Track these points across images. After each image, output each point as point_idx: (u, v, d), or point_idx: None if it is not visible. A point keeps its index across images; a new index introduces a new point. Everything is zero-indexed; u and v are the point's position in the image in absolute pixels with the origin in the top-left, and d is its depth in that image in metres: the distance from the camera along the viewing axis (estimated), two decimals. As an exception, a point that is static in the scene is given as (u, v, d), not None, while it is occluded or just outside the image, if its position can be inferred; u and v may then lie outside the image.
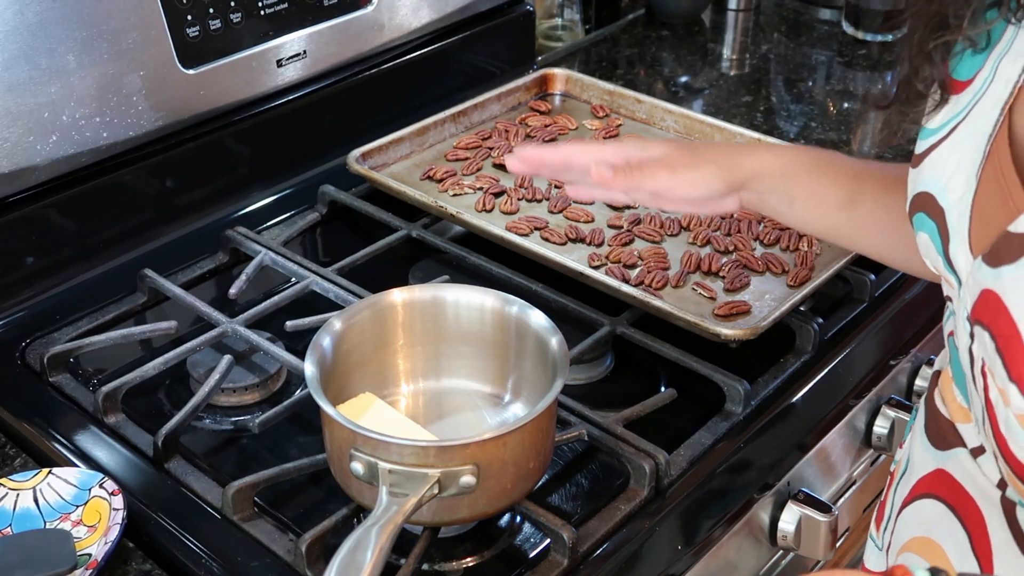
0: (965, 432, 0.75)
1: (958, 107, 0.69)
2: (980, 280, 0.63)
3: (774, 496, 0.95)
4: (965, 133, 0.68)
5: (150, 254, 1.16)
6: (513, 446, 0.77)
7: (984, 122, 0.66)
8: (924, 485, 0.79)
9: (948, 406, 0.77)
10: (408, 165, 1.28)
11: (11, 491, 0.85)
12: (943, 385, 0.79)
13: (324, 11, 1.27)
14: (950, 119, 0.69)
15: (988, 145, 0.65)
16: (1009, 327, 0.60)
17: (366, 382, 0.89)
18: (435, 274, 1.12)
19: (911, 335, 1.10)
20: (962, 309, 0.67)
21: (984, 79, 0.67)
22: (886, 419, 1.05)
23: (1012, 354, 0.60)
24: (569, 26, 1.74)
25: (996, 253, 0.62)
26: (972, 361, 0.66)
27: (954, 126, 0.69)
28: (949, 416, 0.77)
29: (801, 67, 1.61)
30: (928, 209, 0.70)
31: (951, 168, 0.68)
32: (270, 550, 0.83)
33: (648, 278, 1.07)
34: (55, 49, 1.05)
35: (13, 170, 1.05)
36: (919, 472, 0.80)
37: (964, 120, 0.68)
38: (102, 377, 1.02)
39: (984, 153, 0.66)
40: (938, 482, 0.78)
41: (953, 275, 0.68)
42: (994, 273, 0.62)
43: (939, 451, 0.78)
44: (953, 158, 0.68)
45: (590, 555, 0.83)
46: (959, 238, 0.67)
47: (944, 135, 0.69)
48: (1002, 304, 0.61)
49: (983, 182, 0.65)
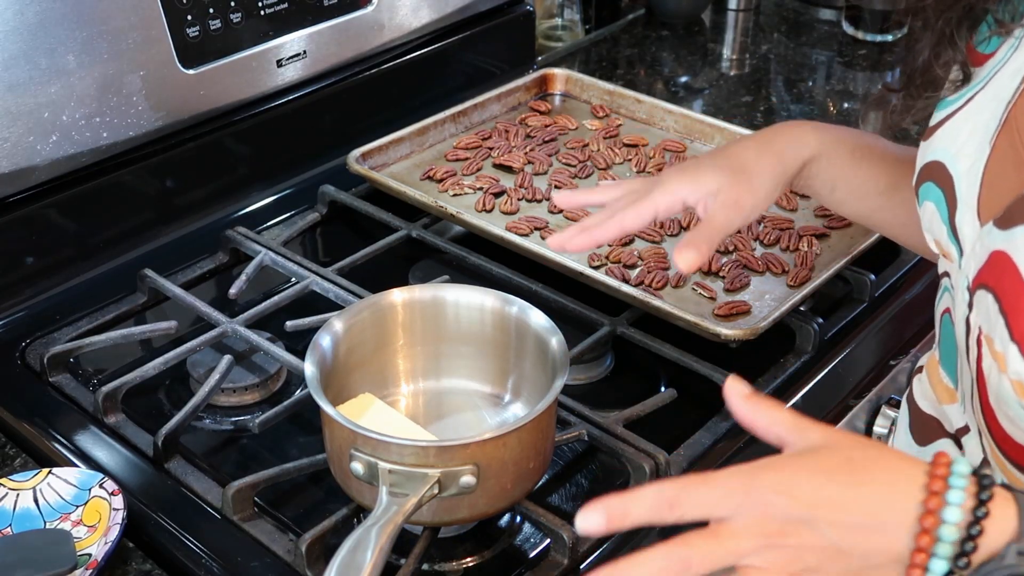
0: (950, 413, 0.74)
1: (978, 77, 0.69)
2: (989, 244, 0.63)
3: (774, 496, 0.94)
4: (983, 102, 0.67)
5: (150, 254, 1.16)
6: (513, 446, 0.77)
7: (1003, 90, 0.66)
8: None
9: (934, 389, 0.77)
10: (408, 165, 1.28)
11: (11, 491, 0.85)
12: (929, 373, 0.78)
13: (324, 11, 1.27)
14: (969, 89, 0.69)
15: (1006, 112, 0.65)
16: (1017, 286, 0.60)
17: (366, 382, 0.89)
18: (435, 274, 1.12)
19: (911, 335, 1.10)
20: (962, 279, 0.66)
21: (1009, 47, 0.67)
22: (886, 419, 1.05)
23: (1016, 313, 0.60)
24: (569, 26, 1.74)
25: (1009, 216, 0.62)
26: (968, 332, 0.66)
27: (971, 96, 0.68)
28: (934, 402, 0.76)
29: (801, 67, 1.62)
30: (936, 178, 0.70)
31: (964, 136, 0.68)
32: (270, 550, 0.83)
33: (648, 278, 1.07)
34: (55, 49, 1.05)
35: (13, 170, 1.05)
36: None
37: (982, 90, 0.68)
38: (102, 377, 1.02)
39: (1000, 120, 0.65)
40: None
41: (955, 245, 0.68)
42: (1006, 235, 0.62)
43: (920, 447, 0.78)
44: (967, 127, 0.68)
45: (590, 555, 0.83)
46: (966, 206, 0.66)
47: (960, 105, 0.69)
48: (1011, 263, 0.61)
49: (996, 149, 0.65)
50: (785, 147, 0.86)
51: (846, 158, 0.86)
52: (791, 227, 1.15)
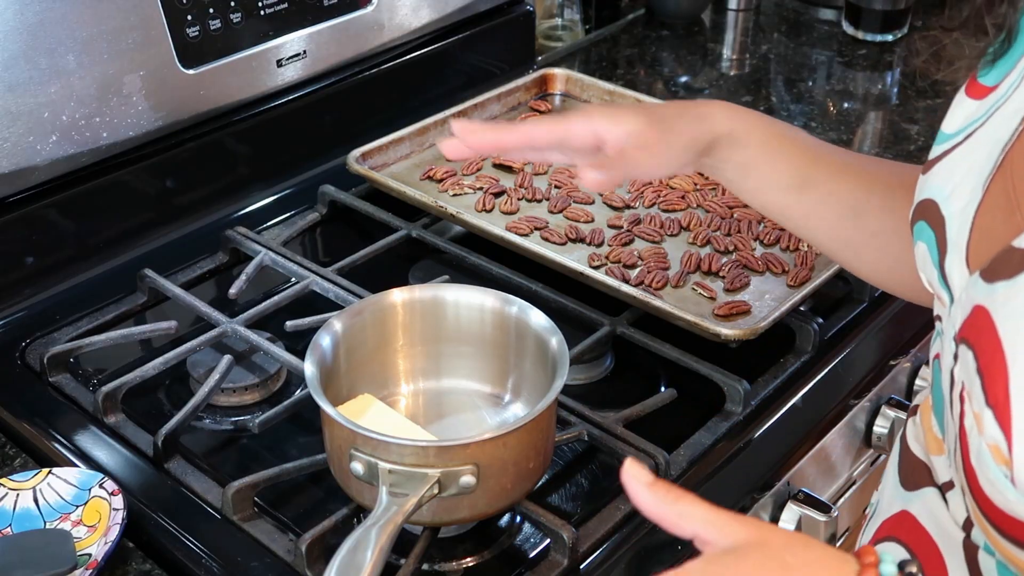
0: (938, 465, 0.71)
1: (978, 112, 0.66)
2: (973, 296, 0.60)
3: (774, 496, 0.94)
4: (980, 139, 0.65)
5: (150, 254, 1.16)
6: (513, 446, 0.77)
7: (1001, 130, 0.63)
8: (887, 527, 0.76)
9: (925, 435, 0.73)
10: (408, 165, 1.28)
11: (11, 491, 0.85)
12: (923, 415, 0.75)
13: (324, 11, 1.27)
14: (967, 124, 0.67)
15: (1002, 155, 0.62)
16: (993, 346, 0.57)
17: (366, 382, 0.89)
18: (435, 274, 1.12)
19: (911, 335, 1.10)
20: (950, 328, 0.63)
21: (1009, 85, 0.64)
22: (886, 419, 1.05)
23: (992, 375, 0.56)
24: (569, 26, 1.74)
25: (994, 268, 0.59)
26: (952, 384, 0.62)
27: (970, 132, 0.66)
28: (924, 449, 0.73)
29: (801, 67, 1.61)
30: (929, 217, 0.67)
31: (959, 176, 0.65)
32: (270, 550, 0.83)
33: (648, 278, 1.07)
34: (55, 49, 1.05)
35: (13, 170, 1.05)
36: (885, 514, 0.77)
37: (982, 127, 0.65)
38: (102, 377, 1.02)
39: (996, 162, 0.62)
40: (900, 524, 0.74)
41: (947, 291, 0.65)
42: (988, 288, 0.58)
43: (907, 492, 0.74)
44: (963, 165, 0.65)
45: (590, 555, 0.83)
46: (956, 251, 0.64)
47: (959, 141, 0.67)
48: (990, 320, 0.57)
49: (989, 193, 0.62)
50: (702, 116, 0.84)
51: (758, 145, 0.84)
52: (791, 227, 1.15)
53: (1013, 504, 0.57)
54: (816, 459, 0.99)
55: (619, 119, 0.81)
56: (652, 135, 0.81)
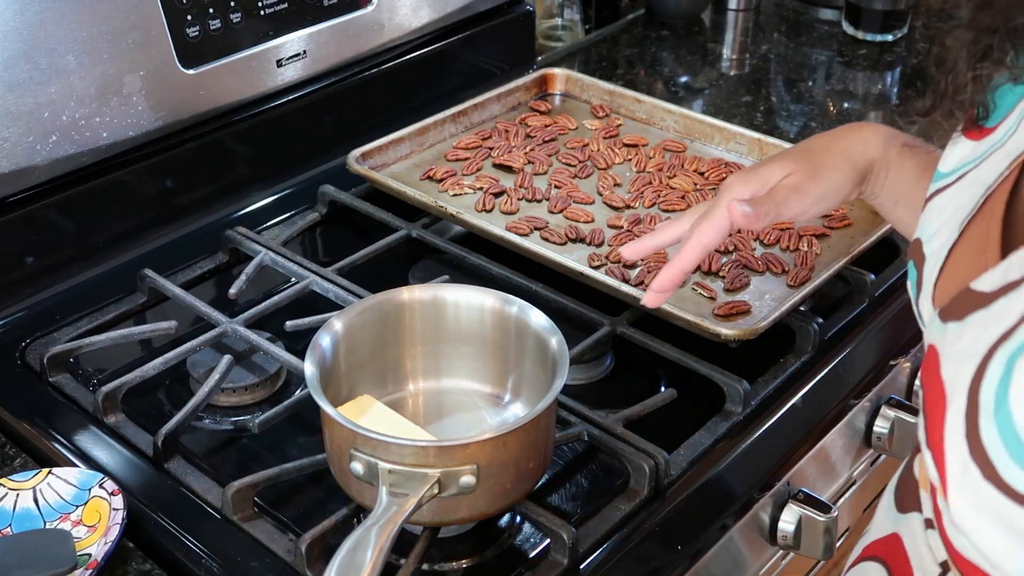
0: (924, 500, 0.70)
1: (973, 154, 0.66)
2: (929, 335, 0.60)
3: (774, 496, 0.94)
4: (970, 181, 0.64)
5: (150, 254, 1.16)
6: (513, 446, 0.77)
7: (988, 174, 0.63)
8: (875, 547, 0.76)
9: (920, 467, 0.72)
10: (408, 165, 1.28)
11: (11, 491, 0.85)
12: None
13: (324, 11, 1.27)
14: (962, 165, 0.66)
15: (983, 197, 0.62)
16: (937, 387, 0.56)
17: (366, 382, 0.89)
18: (435, 274, 1.12)
19: (911, 335, 1.10)
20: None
21: (1007, 130, 0.64)
22: (886, 419, 1.05)
23: (932, 417, 0.56)
24: (569, 26, 1.74)
25: (950, 308, 0.59)
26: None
27: (963, 173, 0.66)
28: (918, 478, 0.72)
29: (801, 67, 1.61)
30: (915, 256, 0.67)
31: (946, 216, 0.65)
32: (270, 550, 0.83)
33: (648, 278, 1.07)
34: (55, 49, 1.05)
35: (13, 170, 1.05)
36: (877, 534, 0.77)
37: (974, 169, 0.65)
38: (102, 377, 1.02)
39: (977, 204, 0.62)
40: (888, 546, 0.73)
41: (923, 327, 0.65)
42: (941, 328, 0.58)
43: (898, 513, 0.74)
44: (951, 206, 0.65)
45: (590, 555, 0.83)
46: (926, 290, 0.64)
47: (951, 181, 0.66)
48: (935, 359, 0.57)
49: (965, 235, 0.62)
50: (851, 145, 0.85)
51: (910, 172, 0.84)
52: (791, 227, 1.15)
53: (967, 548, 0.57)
54: (816, 459, 0.99)
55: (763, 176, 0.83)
56: (800, 177, 0.83)
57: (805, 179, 0.83)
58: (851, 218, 1.16)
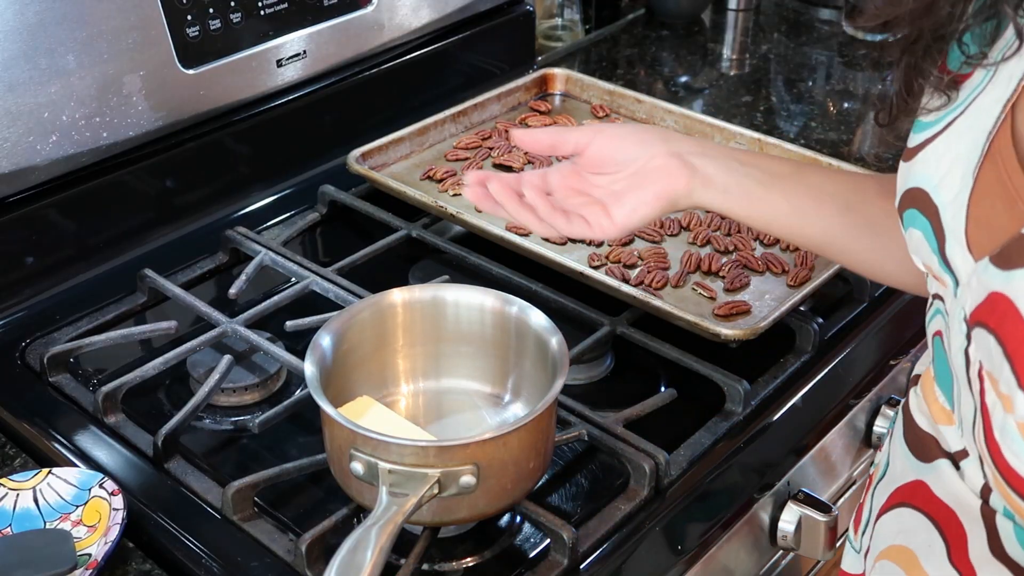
0: (947, 435, 0.74)
1: (956, 101, 0.68)
2: (986, 282, 0.62)
3: (774, 496, 0.95)
4: (962, 128, 0.66)
5: (150, 254, 1.17)
6: (513, 446, 0.77)
7: (983, 119, 0.65)
8: (902, 494, 0.78)
9: (930, 407, 0.76)
10: (408, 165, 1.28)
11: (11, 491, 0.85)
12: (924, 387, 0.77)
13: (324, 11, 1.27)
14: (946, 113, 0.68)
15: (987, 143, 0.64)
16: (1020, 332, 0.59)
17: (366, 382, 0.89)
18: (435, 274, 1.12)
19: (911, 335, 1.10)
20: (958, 310, 0.65)
21: (984, 74, 0.66)
22: (886, 419, 1.05)
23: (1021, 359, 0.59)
24: (569, 26, 1.74)
25: (1007, 256, 0.61)
26: (968, 363, 0.65)
27: (950, 121, 0.68)
28: (930, 419, 0.75)
29: (801, 67, 1.62)
30: (920, 206, 0.69)
31: (946, 165, 0.67)
32: (270, 550, 0.83)
33: (648, 278, 1.07)
34: (55, 49, 1.05)
35: (13, 170, 1.05)
36: (899, 480, 0.79)
37: (961, 115, 0.67)
38: (102, 377, 1.02)
39: (983, 151, 0.64)
40: (916, 492, 0.76)
41: (949, 274, 0.67)
42: (1005, 276, 0.60)
43: (919, 462, 0.77)
44: (949, 154, 0.67)
45: (590, 555, 0.83)
46: (955, 238, 0.66)
47: (939, 130, 0.68)
48: (1013, 308, 0.59)
49: (980, 181, 0.64)
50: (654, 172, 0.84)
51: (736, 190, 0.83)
52: (791, 227, 1.15)
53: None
54: (816, 459, 0.99)
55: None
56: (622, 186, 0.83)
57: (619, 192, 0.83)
58: (851, 218, 1.16)
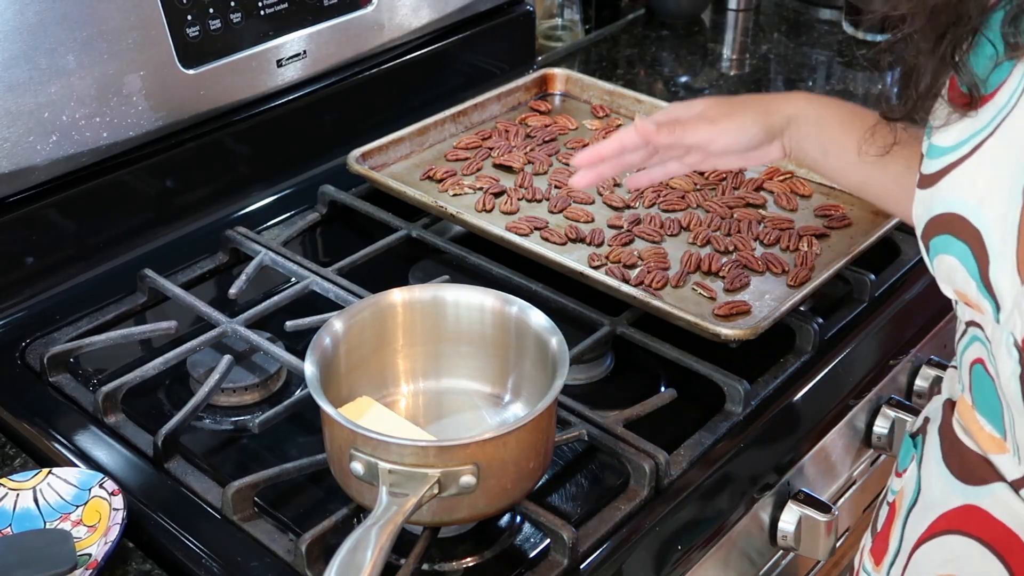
0: (1001, 463, 0.71)
1: (979, 123, 0.66)
2: None
3: (774, 496, 0.95)
4: (997, 149, 0.65)
5: (150, 254, 1.16)
6: (513, 446, 0.77)
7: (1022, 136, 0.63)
8: (949, 520, 0.76)
9: (974, 436, 0.73)
10: (408, 165, 1.28)
11: (11, 491, 0.85)
12: (962, 415, 0.75)
13: (324, 11, 1.27)
14: (970, 136, 0.67)
15: None
16: None
17: (366, 382, 0.89)
18: (435, 274, 1.12)
19: (911, 335, 1.10)
20: (1005, 335, 0.64)
21: (1012, 92, 0.64)
22: (886, 419, 1.05)
23: None
24: (569, 26, 1.74)
25: None
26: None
27: (978, 144, 0.66)
28: (978, 448, 0.73)
29: (801, 67, 1.62)
30: (955, 231, 0.67)
31: (983, 187, 0.65)
32: (270, 550, 0.83)
33: (648, 278, 1.07)
34: (55, 49, 1.05)
35: (13, 170, 1.05)
36: (940, 507, 0.76)
37: (992, 136, 0.65)
38: (102, 377, 1.02)
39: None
40: (967, 518, 0.74)
41: (989, 300, 0.66)
42: None
43: (968, 486, 0.74)
44: (984, 176, 0.65)
45: (590, 555, 0.83)
46: (1003, 260, 0.64)
47: (966, 153, 0.67)
48: None
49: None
50: (771, 101, 0.92)
51: (835, 124, 0.89)
52: (791, 227, 1.15)
53: None
54: (816, 459, 0.99)
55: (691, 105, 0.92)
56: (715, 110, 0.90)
57: (717, 113, 0.90)
58: (851, 218, 1.16)
